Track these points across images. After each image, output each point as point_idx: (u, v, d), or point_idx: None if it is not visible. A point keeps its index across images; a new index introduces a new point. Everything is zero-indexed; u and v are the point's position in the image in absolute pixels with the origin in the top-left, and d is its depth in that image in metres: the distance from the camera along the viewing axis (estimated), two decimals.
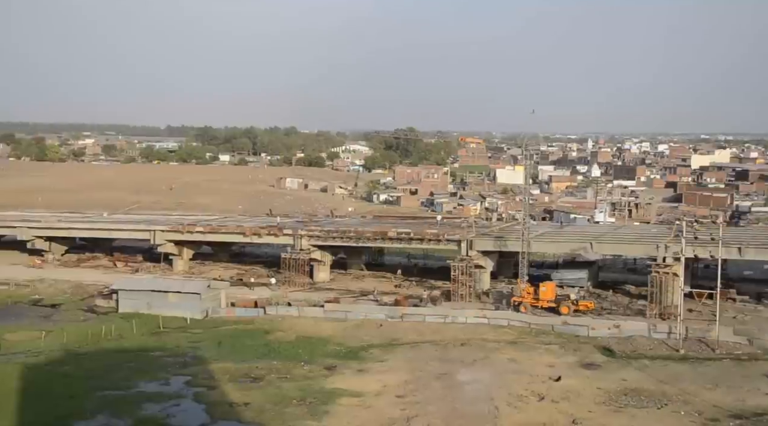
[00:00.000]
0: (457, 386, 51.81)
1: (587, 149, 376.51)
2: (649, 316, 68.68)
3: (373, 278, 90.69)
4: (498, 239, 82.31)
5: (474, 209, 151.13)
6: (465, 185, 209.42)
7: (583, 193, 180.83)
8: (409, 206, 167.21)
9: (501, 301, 75.09)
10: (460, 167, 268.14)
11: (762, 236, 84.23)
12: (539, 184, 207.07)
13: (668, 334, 62.50)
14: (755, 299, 75.81)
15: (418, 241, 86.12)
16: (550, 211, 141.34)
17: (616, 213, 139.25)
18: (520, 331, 66.29)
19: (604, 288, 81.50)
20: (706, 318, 65.92)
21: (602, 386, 51.02)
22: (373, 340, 64.15)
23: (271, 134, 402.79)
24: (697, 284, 76.99)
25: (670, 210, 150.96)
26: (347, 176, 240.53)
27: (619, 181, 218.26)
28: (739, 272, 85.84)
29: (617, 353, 59.30)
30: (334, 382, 52.53)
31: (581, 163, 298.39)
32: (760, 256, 77.46)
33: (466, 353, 59.52)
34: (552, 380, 52.15)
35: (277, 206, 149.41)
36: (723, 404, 47.22)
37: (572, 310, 69.94)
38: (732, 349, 59.61)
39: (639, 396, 48.99)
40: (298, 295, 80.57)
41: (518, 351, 60.03)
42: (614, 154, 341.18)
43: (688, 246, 68.05)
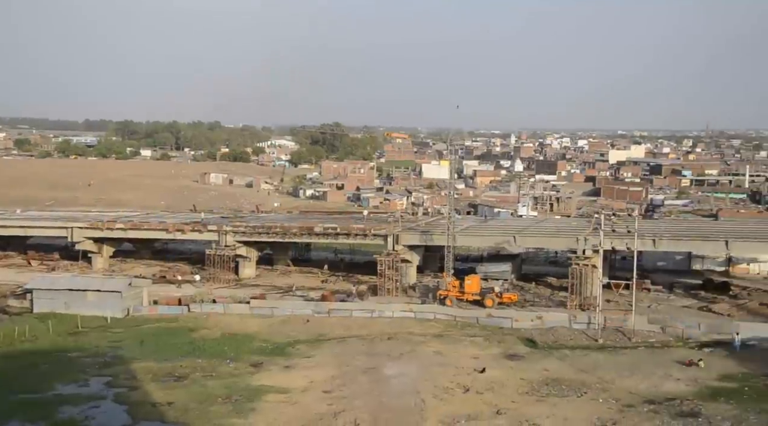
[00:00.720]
0: (384, 380, 52.05)
1: (510, 144, 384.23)
2: (570, 307, 70.55)
3: (300, 274, 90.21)
4: (424, 234, 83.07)
5: (400, 204, 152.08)
6: (391, 180, 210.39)
7: (507, 187, 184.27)
8: (335, 201, 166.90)
9: (427, 295, 75.83)
10: (387, 162, 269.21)
11: (674, 228, 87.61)
12: (464, 179, 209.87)
13: (588, 324, 64.45)
14: (668, 289, 78.92)
15: (344, 236, 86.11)
16: (474, 206, 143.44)
17: (539, 207, 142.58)
18: (446, 324, 67.11)
19: (527, 280, 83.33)
20: (623, 308, 68.20)
21: (525, 376, 52.16)
22: (299, 335, 63.84)
23: (194, 129, 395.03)
24: (614, 275, 79.63)
25: (589, 203, 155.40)
26: (273, 171, 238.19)
27: (541, 175, 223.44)
28: (654, 263, 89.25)
29: (539, 344, 60.77)
30: (261, 379, 52.02)
31: (505, 158, 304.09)
32: (672, 247, 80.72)
33: (393, 347, 59.87)
34: (477, 372, 53.00)
35: (201, 202, 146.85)
36: (638, 391, 49.00)
37: (496, 303, 71.24)
38: (647, 337, 61.96)
39: (560, 385, 50.29)
40: (223, 291, 79.39)
41: (444, 344, 60.76)
42: (536, 150, 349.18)
43: (606, 238, 70.30)
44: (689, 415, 44.05)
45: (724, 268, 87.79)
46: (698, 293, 77.22)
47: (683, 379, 51.47)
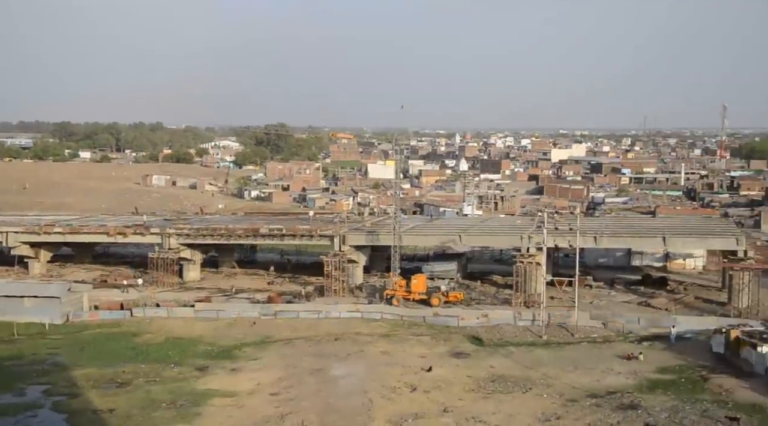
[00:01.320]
0: (332, 381, 51.96)
1: (455, 144, 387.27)
2: (515, 305, 71.53)
3: (246, 276, 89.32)
4: (370, 234, 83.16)
5: (346, 204, 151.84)
6: (337, 180, 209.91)
7: (452, 186, 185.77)
8: (281, 202, 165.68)
9: (374, 295, 75.95)
10: (332, 162, 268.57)
11: (615, 225, 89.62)
12: (410, 179, 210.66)
13: (532, 321, 65.52)
14: (609, 285, 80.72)
15: (290, 238, 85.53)
16: (420, 205, 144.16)
17: (483, 206, 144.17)
18: (393, 323, 67.31)
19: (472, 279, 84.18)
20: (566, 304, 69.44)
21: (471, 374, 52.71)
22: (246, 338, 63.23)
23: (135, 130, 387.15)
24: (557, 272, 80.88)
25: (532, 202, 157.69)
26: (217, 173, 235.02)
27: (485, 174, 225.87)
28: (595, 260, 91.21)
29: (485, 342, 61.48)
30: (206, 383, 51.34)
31: (450, 157, 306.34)
32: (613, 244, 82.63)
33: (340, 348, 59.81)
34: (424, 371, 53.32)
35: (144, 204, 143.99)
36: (581, 385, 50.03)
37: (443, 302, 71.77)
38: (589, 332, 63.30)
39: (506, 382, 51.01)
40: (167, 295, 78.02)
41: (391, 343, 60.95)
42: (481, 149, 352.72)
43: (549, 236, 71.54)
44: (629, 408, 45.19)
45: (662, 264, 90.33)
46: (638, 288, 79.17)
47: (624, 372, 52.77)
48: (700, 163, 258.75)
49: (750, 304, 67.89)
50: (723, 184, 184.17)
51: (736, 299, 68.66)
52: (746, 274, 68.52)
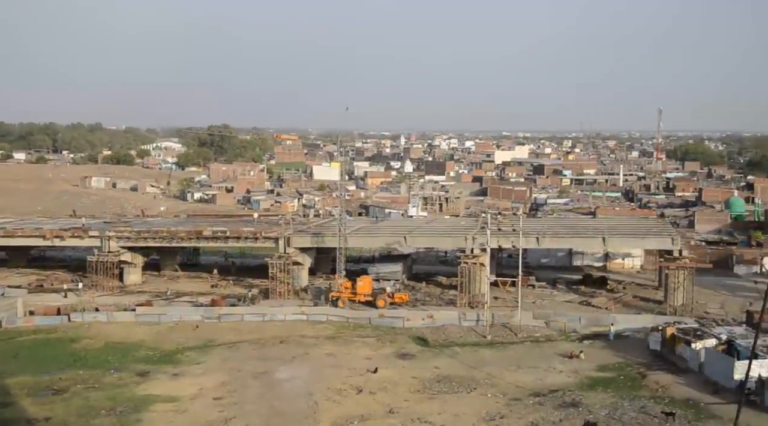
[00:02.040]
0: (276, 384, 51.53)
1: (400, 145, 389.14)
2: (460, 305, 72.15)
3: (189, 279, 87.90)
4: (315, 236, 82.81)
5: (291, 206, 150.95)
6: (282, 182, 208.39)
7: (397, 188, 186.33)
8: (225, 204, 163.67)
9: (319, 297, 75.64)
10: (277, 164, 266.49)
11: (557, 226, 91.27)
12: (355, 180, 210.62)
13: (477, 321, 66.21)
14: (551, 284, 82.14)
15: (234, 240, 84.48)
16: (366, 207, 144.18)
17: (428, 207, 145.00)
18: (339, 325, 67.14)
19: (417, 280, 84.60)
20: (510, 304, 70.39)
21: (417, 375, 52.94)
22: (188, 342, 62.20)
23: (73, 131, 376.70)
24: (501, 273, 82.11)
25: (476, 203, 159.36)
26: (159, 174, 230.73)
27: (430, 176, 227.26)
28: (538, 260, 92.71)
29: (431, 342, 61.84)
30: (147, 389, 50.32)
31: (395, 159, 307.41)
32: (555, 244, 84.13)
33: (285, 351, 59.37)
34: (369, 372, 53.33)
35: (82, 207, 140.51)
36: (524, 384, 50.78)
37: (388, 303, 71.92)
38: (532, 332, 64.28)
39: (450, 382, 51.41)
40: (107, 299, 76.21)
41: (337, 345, 60.79)
42: (425, 150, 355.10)
43: (492, 237, 72.49)
44: (571, 406, 46.06)
45: (602, 264, 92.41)
46: (579, 288, 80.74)
47: (565, 371, 53.76)
48: (637, 165, 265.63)
49: (685, 301, 69.92)
50: (659, 186, 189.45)
51: (671, 297, 70.62)
52: (681, 273, 70.53)
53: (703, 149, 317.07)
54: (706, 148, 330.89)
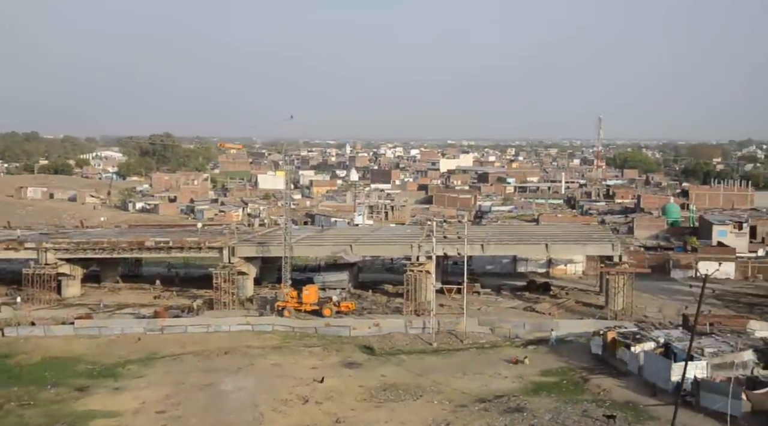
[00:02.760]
0: (221, 396, 50.82)
1: (346, 154, 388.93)
2: (406, 313, 72.35)
3: (131, 290, 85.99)
4: (260, 245, 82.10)
5: (236, 215, 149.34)
6: (226, 191, 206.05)
7: (343, 196, 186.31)
8: (167, 214, 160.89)
9: (265, 307, 74.95)
10: (221, 173, 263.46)
11: (501, 233, 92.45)
12: (300, 189, 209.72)
13: (423, 328, 66.50)
14: (496, 291, 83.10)
15: (178, 250, 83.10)
16: (311, 216, 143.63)
17: (374, 215, 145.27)
18: (285, 335, 66.64)
19: (364, 288, 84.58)
20: (456, 311, 70.96)
21: (364, 384, 52.90)
22: (130, 355, 60.88)
23: (7, 139, 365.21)
24: (447, 280, 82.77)
25: (422, 211, 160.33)
26: (99, 184, 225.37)
27: (376, 184, 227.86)
28: (483, 267, 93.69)
29: (377, 351, 61.88)
30: (87, 404, 49.06)
31: (340, 167, 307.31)
32: (499, 251, 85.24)
33: (231, 362, 58.63)
34: (316, 382, 53.08)
35: (18, 218, 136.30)
36: (470, 390, 51.22)
37: (334, 312, 71.73)
38: (478, 338, 64.91)
39: (397, 390, 51.52)
40: (44, 313, 74.00)
41: (283, 355, 60.33)
42: (371, 159, 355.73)
43: (438, 245, 73.08)
44: (516, 411, 46.66)
45: (545, 270, 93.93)
46: (523, 294, 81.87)
47: (510, 376, 54.43)
48: (578, 173, 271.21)
49: (625, 306, 71.57)
50: (600, 193, 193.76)
51: (612, 302, 72.21)
52: (621, 278, 72.21)
53: (641, 157, 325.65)
54: (644, 156, 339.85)
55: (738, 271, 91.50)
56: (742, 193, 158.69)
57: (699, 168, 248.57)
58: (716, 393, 45.70)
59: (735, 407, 43.83)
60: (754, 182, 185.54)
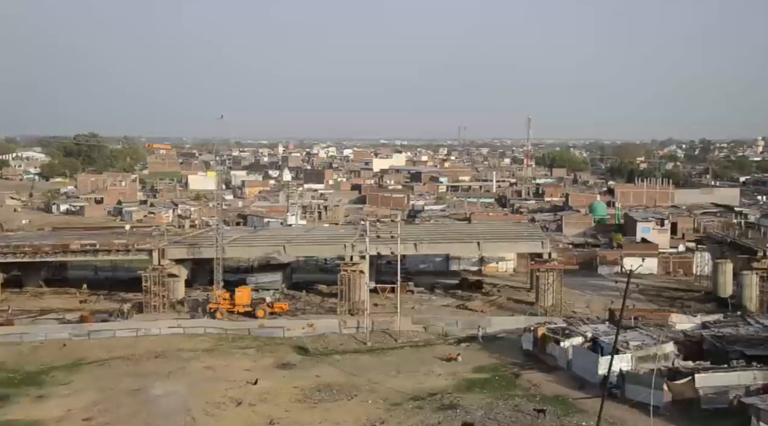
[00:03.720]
0: (151, 401, 49.73)
1: (278, 154, 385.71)
2: (340, 313, 72.35)
3: (55, 295, 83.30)
4: (191, 246, 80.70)
5: (166, 217, 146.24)
6: (156, 193, 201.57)
7: (276, 197, 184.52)
8: (94, 216, 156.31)
9: (197, 310, 73.78)
10: (150, 174, 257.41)
11: (434, 232, 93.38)
12: (232, 190, 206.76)
13: (357, 328, 66.69)
14: (429, 290, 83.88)
15: (105, 253, 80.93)
16: (244, 216, 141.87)
17: (307, 216, 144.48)
18: (217, 338, 65.73)
19: (298, 289, 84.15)
20: (390, 310, 71.32)
21: (298, 384, 52.63)
22: (55, 362, 58.96)
23: None
24: (381, 280, 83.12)
25: (356, 211, 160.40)
26: (20, 186, 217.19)
27: (309, 184, 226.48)
28: (416, 266, 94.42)
29: (311, 351, 61.69)
30: (6, 414, 47.32)
31: (273, 167, 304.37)
32: (432, 250, 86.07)
33: (161, 365, 57.46)
34: (249, 384, 52.56)
35: None
36: (404, 389, 51.55)
37: (268, 313, 71.23)
38: (411, 337, 65.43)
39: (332, 390, 51.45)
40: None
41: (215, 358, 59.48)
42: (304, 159, 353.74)
43: (371, 244, 73.30)
44: (449, 408, 47.19)
45: (478, 268, 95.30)
46: (456, 292, 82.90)
47: (444, 374, 55.02)
48: (509, 172, 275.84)
49: (554, 302, 73.30)
50: (530, 191, 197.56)
51: (542, 298, 73.86)
52: (551, 275, 73.91)
53: (569, 156, 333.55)
54: (572, 156, 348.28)
55: (660, 267, 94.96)
56: (664, 191, 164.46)
57: (624, 167, 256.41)
58: (640, 385, 47.29)
59: (657, 398, 45.40)
60: (674, 180, 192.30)
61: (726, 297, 76.86)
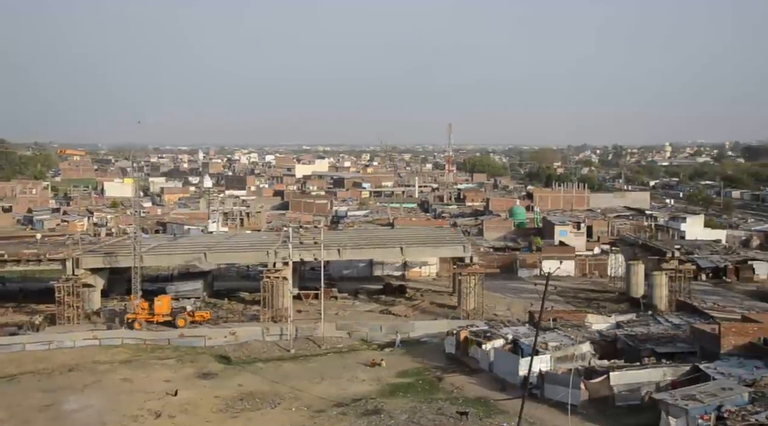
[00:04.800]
0: (64, 416, 47.92)
1: (199, 160, 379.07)
2: (263, 320, 71.48)
3: None
4: (108, 255, 78.18)
5: (81, 225, 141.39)
6: (69, 200, 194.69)
7: (196, 204, 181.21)
8: (2, 225, 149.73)
9: (114, 320, 71.55)
10: (63, 181, 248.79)
11: (357, 238, 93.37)
12: (151, 197, 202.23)
13: (280, 335, 65.99)
14: (353, 295, 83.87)
15: (14, 263, 77.44)
16: (163, 224, 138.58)
17: (229, 222, 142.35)
18: (135, 349, 63.92)
19: (219, 297, 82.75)
20: (313, 316, 70.94)
21: (220, 394, 51.68)
22: None
23: None
24: (304, 286, 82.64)
25: (278, 217, 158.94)
26: None
27: (230, 191, 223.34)
28: (340, 271, 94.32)
29: (233, 360, 60.70)
30: None
31: (193, 174, 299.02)
32: (356, 255, 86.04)
33: (75, 379, 55.44)
34: (169, 395, 51.30)
35: None
36: (328, 395, 51.33)
37: (189, 322, 69.72)
38: (335, 343, 65.24)
39: (254, 399, 50.73)
40: None
41: (133, 370, 57.80)
42: (225, 165, 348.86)
43: (294, 251, 72.76)
44: (373, 413, 47.23)
45: (401, 273, 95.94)
46: (380, 297, 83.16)
47: (367, 379, 55.08)
48: (431, 177, 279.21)
49: (476, 305, 74.43)
50: (451, 196, 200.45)
51: (464, 302, 74.86)
52: (472, 278, 75.03)
53: (489, 162, 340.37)
54: (492, 161, 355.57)
55: (577, 269, 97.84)
56: (580, 195, 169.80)
57: (542, 171, 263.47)
58: (558, 384, 48.56)
59: (574, 396, 46.76)
60: (589, 185, 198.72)
61: (638, 297, 79.73)
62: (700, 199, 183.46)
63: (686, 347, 55.61)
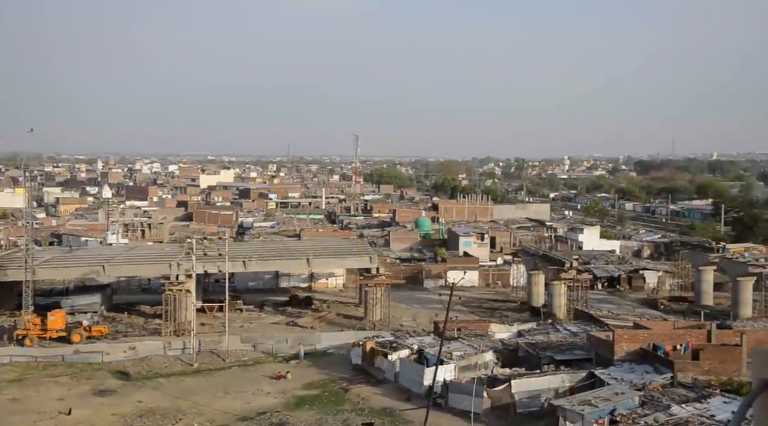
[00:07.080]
0: None
1: (97, 170, 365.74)
2: (165, 334, 69.55)
3: None
4: None
5: None
6: None
7: (95, 215, 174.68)
8: None
9: (2, 337, 67.88)
10: None
11: (263, 249, 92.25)
12: (45, 207, 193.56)
13: (183, 349, 64.39)
14: (259, 307, 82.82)
15: None
16: (58, 235, 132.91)
17: (130, 234, 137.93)
18: (26, 367, 60.97)
19: (119, 311, 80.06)
20: (218, 329, 69.53)
21: (117, 411, 49.93)
22: None
23: None
24: (208, 298, 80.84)
25: (182, 228, 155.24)
26: None
27: (131, 201, 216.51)
28: (245, 283, 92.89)
29: (133, 375, 58.80)
30: None
31: (91, 184, 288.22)
32: (261, 267, 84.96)
33: None
34: (62, 414, 49.12)
35: None
36: (232, 409, 50.40)
37: (85, 337, 67.02)
38: (240, 356, 64.18)
39: (155, 415, 49.25)
40: None
41: (23, 389, 55.09)
42: (125, 175, 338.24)
43: (198, 263, 71.18)
44: None
45: (308, 284, 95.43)
46: (286, 309, 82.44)
47: (273, 392, 54.43)
48: (338, 188, 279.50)
49: (382, 316, 74.87)
50: (358, 208, 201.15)
51: (371, 313, 75.15)
52: (379, 289, 75.46)
53: (395, 173, 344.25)
54: (398, 172, 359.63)
55: (481, 279, 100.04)
56: (484, 207, 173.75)
57: (447, 183, 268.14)
58: (462, 393, 49.42)
59: (477, 405, 47.70)
60: (493, 196, 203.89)
61: (539, 306, 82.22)
62: (596, 210, 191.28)
63: (583, 354, 57.69)
